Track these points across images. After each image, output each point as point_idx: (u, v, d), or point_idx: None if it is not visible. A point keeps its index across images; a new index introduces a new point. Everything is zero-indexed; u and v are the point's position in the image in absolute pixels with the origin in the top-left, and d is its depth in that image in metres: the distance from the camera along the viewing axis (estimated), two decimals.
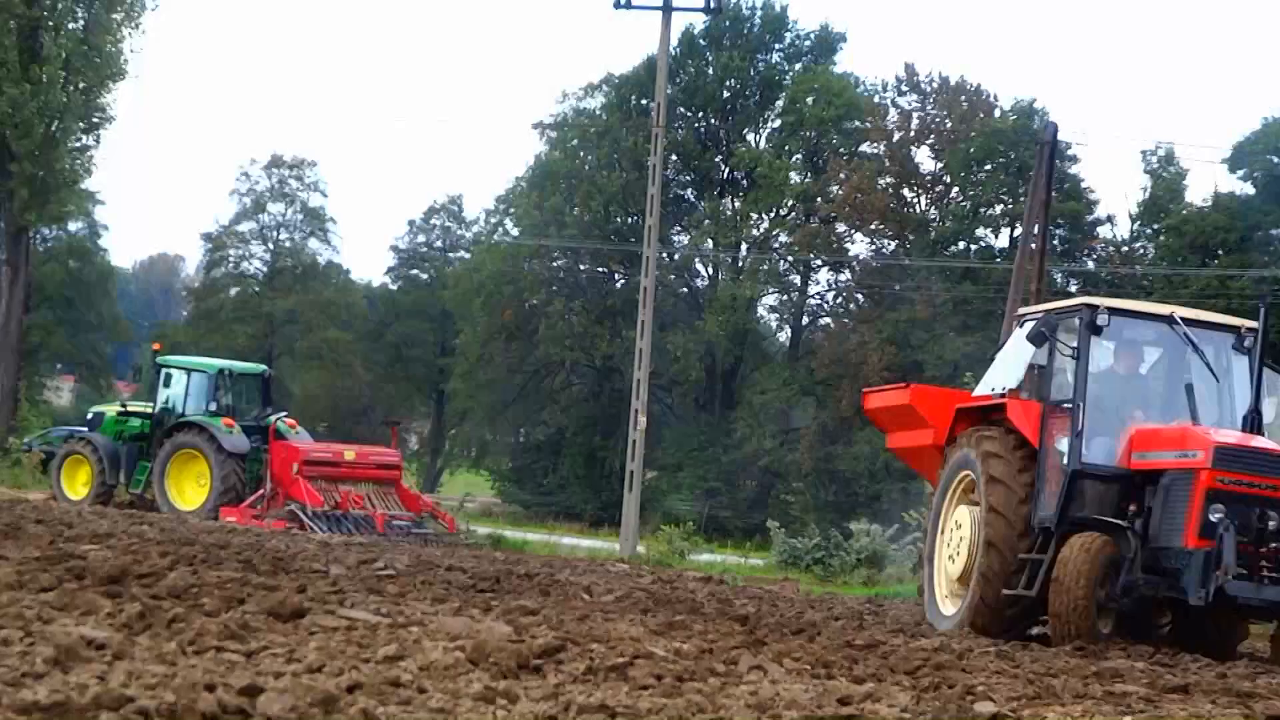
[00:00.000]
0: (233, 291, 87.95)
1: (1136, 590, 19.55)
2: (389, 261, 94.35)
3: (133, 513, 31.80)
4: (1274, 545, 19.93)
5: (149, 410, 37.47)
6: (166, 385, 37.24)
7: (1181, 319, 21.53)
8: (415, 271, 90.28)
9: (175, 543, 22.77)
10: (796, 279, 74.69)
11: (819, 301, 74.32)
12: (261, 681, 9.20)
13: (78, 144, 50.95)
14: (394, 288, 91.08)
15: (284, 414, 37.54)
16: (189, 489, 34.99)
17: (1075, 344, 20.26)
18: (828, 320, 71.46)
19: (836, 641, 17.05)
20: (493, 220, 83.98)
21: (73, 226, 76.05)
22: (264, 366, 43.23)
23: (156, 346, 45.41)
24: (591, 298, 73.72)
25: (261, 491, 34.21)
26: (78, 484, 36.60)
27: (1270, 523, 19.32)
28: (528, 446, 76.11)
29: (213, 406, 36.37)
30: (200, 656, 10.47)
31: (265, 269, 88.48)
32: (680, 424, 68.69)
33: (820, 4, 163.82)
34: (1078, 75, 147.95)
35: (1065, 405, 20.63)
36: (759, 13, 75.12)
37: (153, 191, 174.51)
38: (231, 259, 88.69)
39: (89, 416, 40.34)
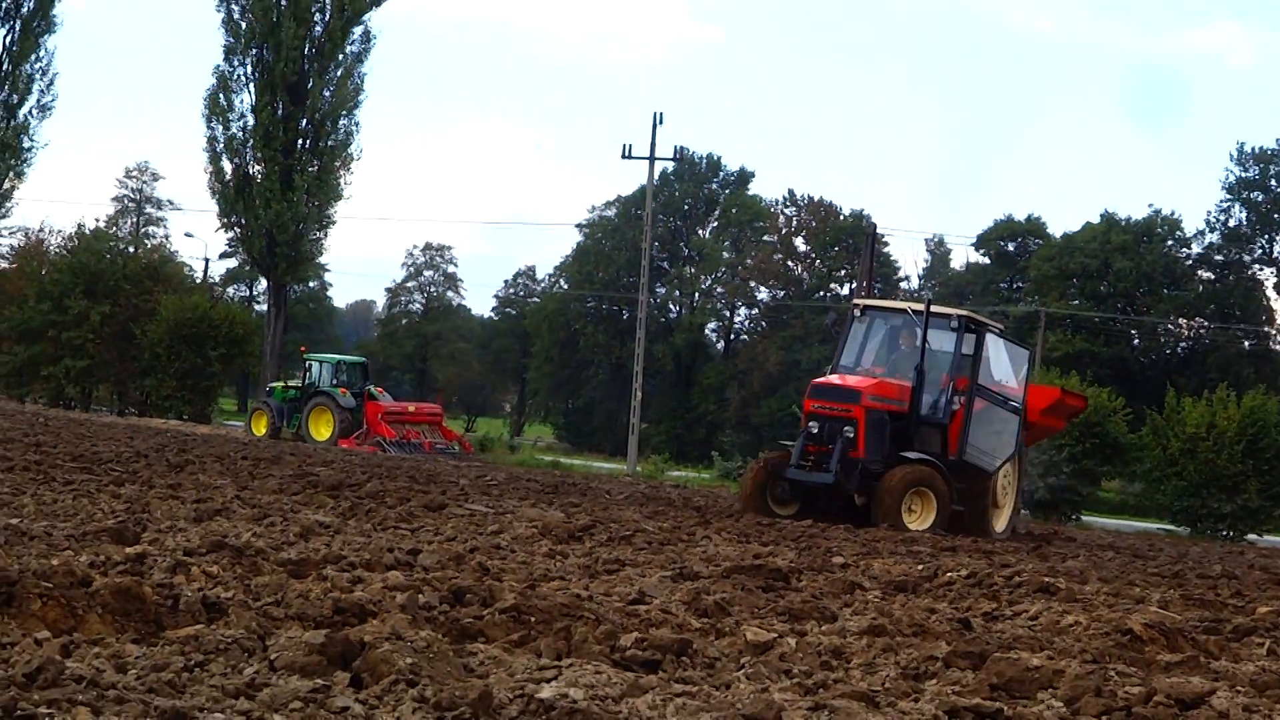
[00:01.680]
0: (403, 322, 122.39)
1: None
2: (492, 303, 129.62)
3: (298, 444, 40.92)
4: (821, 445, 23.80)
5: (299, 384, 49.82)
6: (309, 370, 49.98)
7: (913, 311, 25.25)
8: (509, 310, 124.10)
9: (370, 466, 26.77)
10: (727, 313, 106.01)
11: (740, 325, 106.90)
12: (420, 546, 11.20)
13: (313, 239, 65.64)
14: (496, 317, 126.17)
15: (376, 386, 50.17)
16: (322, 429, 47.34)
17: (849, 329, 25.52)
18: (745, 336, 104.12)
19: (752, 523, 20.48)
20: (553, 279, 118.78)
21: (311, 284, 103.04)
22: (364, 358, 54.96)
23: (303, 350, 56.60)
24: (610, 324, 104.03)
25: (360, 430, 46.32)
26: (260, 426, 48.64)
27: (816, 429, 23.79)
28: (572, 410, 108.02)
29: (334, 382, 48.91)
30: (384, 532, 12.60)
31: (422, 308, 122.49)
32: (660, 396, 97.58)
33: (741, 150, 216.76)
34: (888, 189, 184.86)
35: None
36: (705, 160, 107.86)
37: (358, 260, 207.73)
38: (403, 303, 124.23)
39: (267, 389, 52.07)
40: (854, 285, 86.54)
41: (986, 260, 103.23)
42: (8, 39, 67.99)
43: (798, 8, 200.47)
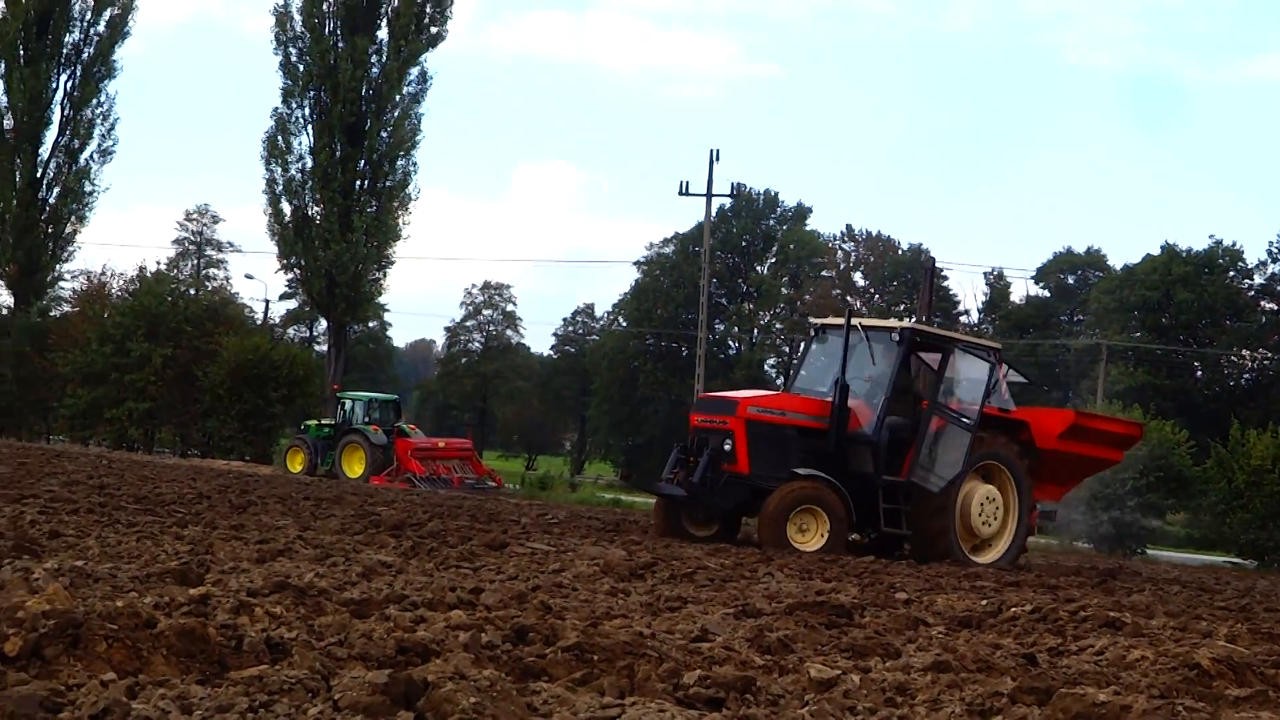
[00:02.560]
0: (463, 361, 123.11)
1: None
2: (551, 341, 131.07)
3: (317, 480, 40.95)
4: (688, 457, 23.48)
5: (333, 422, 50.12)
6: (342, 408, 50.48)
7: (862, 326, 24.50)
8: (568, 348, 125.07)
9: (432, 505, 26.75)
10: (786, 348, 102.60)
11: (799, 362, 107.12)
12: (482, 585, 11.24)
13: (372, 279, 65.83)
14: (555, 356, 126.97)
15: (406, 422, 51.04)
16: (354, 466, 47.86)
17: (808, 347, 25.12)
18: (805, 371, 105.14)
19: (814, 558, 20.25)
20: (611, 317, 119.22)
21: (370, 324, 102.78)
22: (395, 396, 55.39)
23: (336, 388, 56.75)
24: (669, 361, 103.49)
25: (392, 467, 46.92)
26: (296, 463, 49.09)
27: (688, 443, 23.56)
28: (632, 446, 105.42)
29: (366, 419, 49.33)
30: (446, 571, 12.57)
31: (481, 347, 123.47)
32: None
33: (798, 186, 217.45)
34: (946, 223, 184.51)
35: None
36: (762, 196, 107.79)
37: (417, 300, 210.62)
38: (462, 342, 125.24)
39: (302, 427, 52.02)
40: (913, 319, 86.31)
41: (1046, 293, 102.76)
42: (69, 84, 68.73)
43: (852, 44, 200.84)
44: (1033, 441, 24.78)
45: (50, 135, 69.43)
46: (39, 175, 69.03)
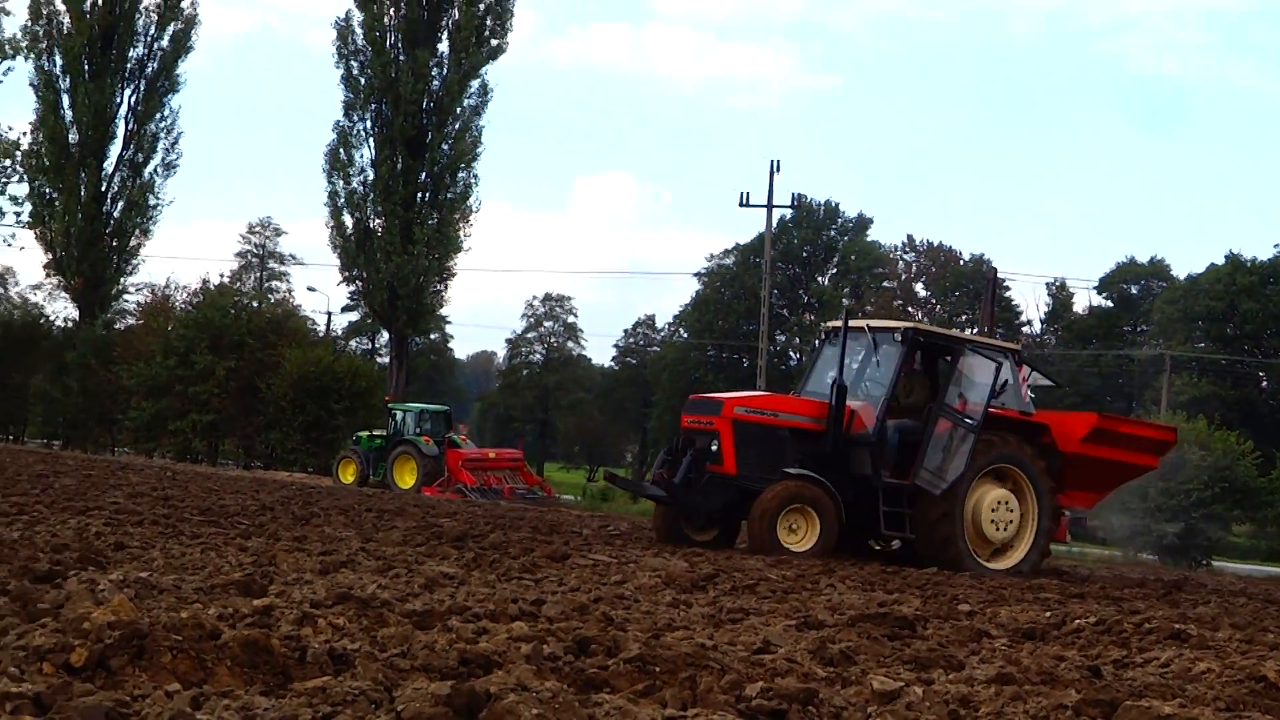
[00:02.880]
0: (524, 373, 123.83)
1: None
2: (612, 353, 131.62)
3: (376, 491, 40.76)
4: (673, 458, 23.29)
5: (385, 433, 50.02)
6: (393, 419, 50.33)
7: (869, 327, 24.48)
8: (629, 359, 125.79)
9: (494, 517, 26.72)
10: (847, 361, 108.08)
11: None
12: (544, 596, 11.26)
13: (434, 291, 66.19)
14: (617, 367, 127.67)
15: (457, 432, 50.81)
16: (406, 477, 47.71)
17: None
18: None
19: (876, 569, 20.19)
20: (672, 328, 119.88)
21: (432, 336, 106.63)
22: (446, 407, 54.63)
23: (387, 399, 56.54)
24: (730, 372, 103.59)
25: (443, 477, 46.76)
26: (348, 474, 49.17)
27: (674, 444, 23.53)
28: None
29: (417, 430, 49.27)
30: (508, 583, 12.59)
31: (542, 359, 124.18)
32: None
33: (859, 196, 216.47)
34: (1009, 233, 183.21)
35: None
36: (823, 206, 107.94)
37: (478, 312, 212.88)
38: (523, 354, 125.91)
39: (354, 438, 51.82)
40: (975, 330, 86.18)
41: (1109, 303, 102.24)
42: (133, 99, 69.24)
43: (913, 53, 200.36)
44: (1054, 445, 24.25)
45: (115, 149, 70.04)
46: (104, 189, 69.62)
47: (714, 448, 22.73)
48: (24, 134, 69.43)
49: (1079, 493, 25.90)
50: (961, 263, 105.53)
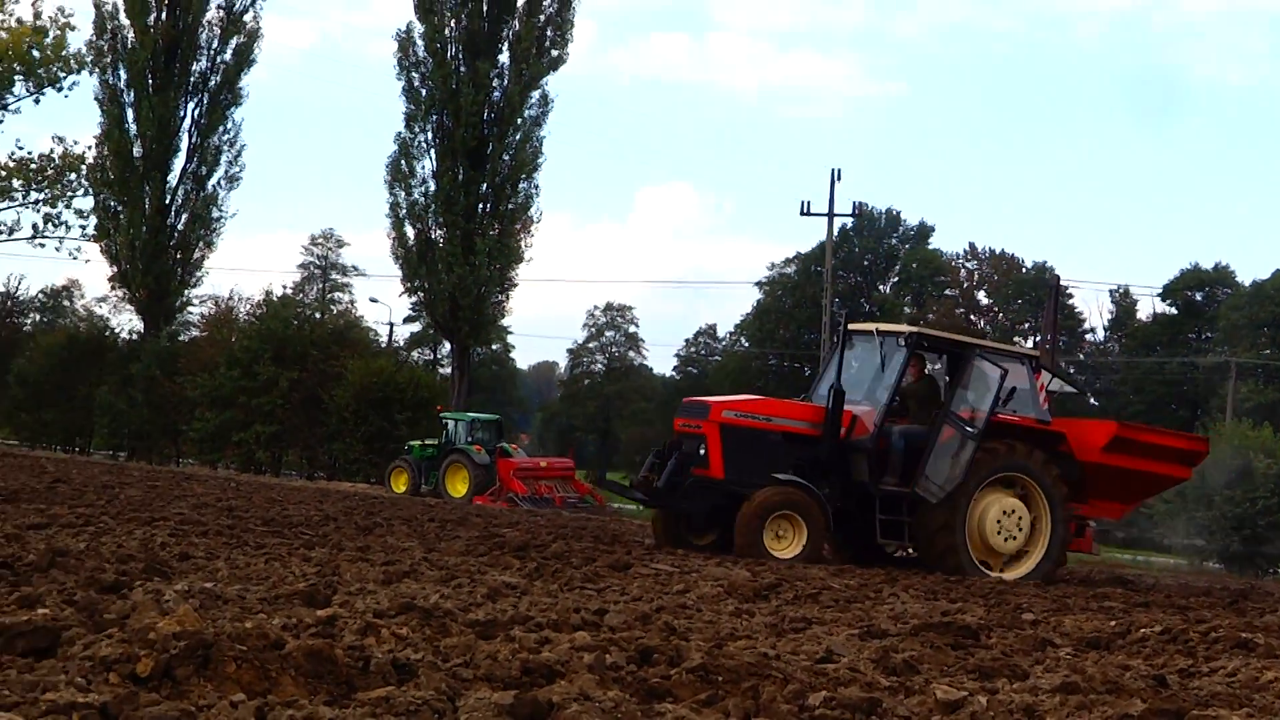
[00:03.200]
0: (586, 383, 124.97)
1: None
2: (674, 362, 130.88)
3: (438, 501, 41.25)
4: (661, 461, 23.14)
5: (436, 442, 50.30)
6: (445, 428, 50.71)
7: (878, 331, 24.26)
8: (690, 368, 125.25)
9: (555, 526, 27.00)
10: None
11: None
12: (606, 606, 11.22)
13: (495, 302, 66.23)
14: (678, 377, 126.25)
15: (508, 442, 51.16)
16: (458, 486, 48.06)
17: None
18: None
19: (939, 578, 20.20)
20: (734, 337, 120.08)
21: (494, 346, 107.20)
22: (498, 416, 55.26)
23: (439, 409, 56.38)
24: (792, 382, 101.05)
25: (494, 487, 47.14)
26: (400, 483, 49.55)
27: (660, 447, 23.33)
28: None
29: (469, 439, 49.41)
30: (570, 592, 12.67)
31: (604, 368, 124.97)
32: None
33: (920, 204, 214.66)
34: (1071, 240, 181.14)
35: None
36: (884, 215, 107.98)
37: (540, 322, 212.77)
38: (585, 364, 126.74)
39: (406, 448, 52.21)
40: (1038, 338, 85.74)
41: (1173, 310, 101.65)
42: (196, 112, 69.68)
43: (976, 60, 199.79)
44: (1071, 454, 23.80)
45: (178, 162, 70.52)
46: (168, 202, 70.11)
47: (701, 451, 22.48)
48: (89, 148, 70.18)
49: (1105, 503, 25.33)
50: (1024, 270, 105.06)
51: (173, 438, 67.68)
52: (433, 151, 65.59)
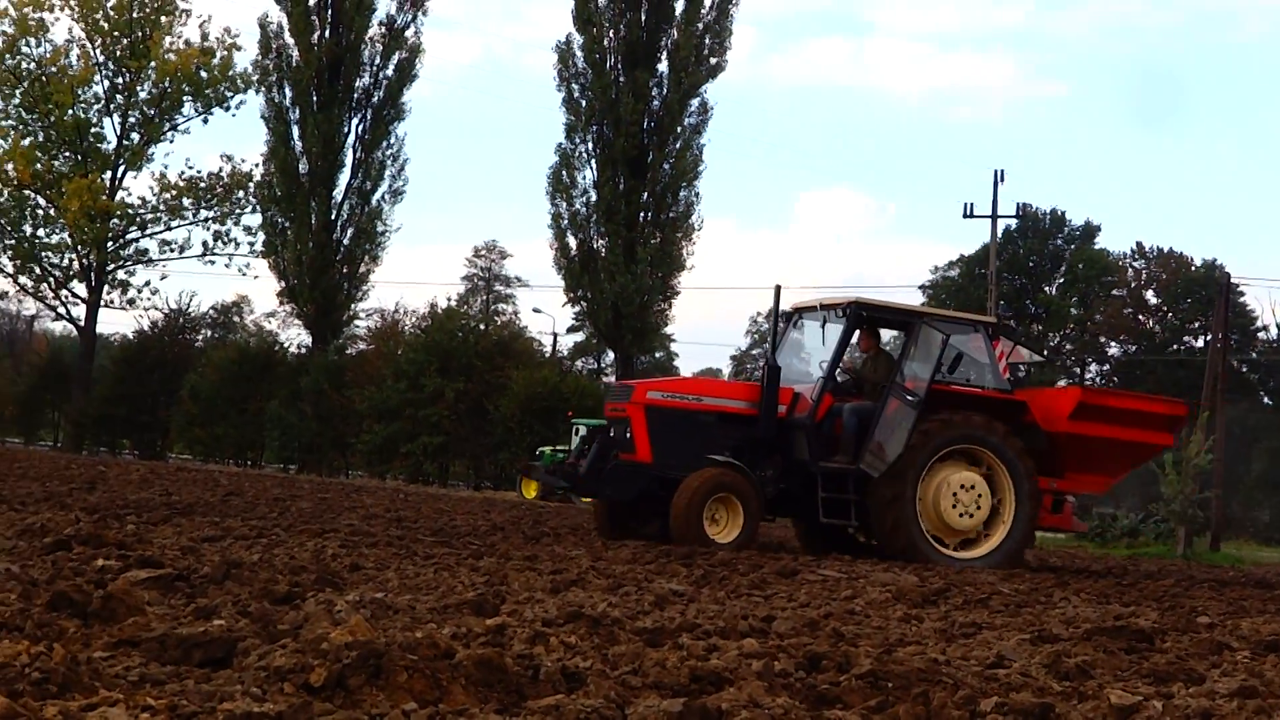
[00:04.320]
0: None
1: None
2: None
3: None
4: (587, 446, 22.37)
5: (567, 448, 48.75)
6: (577, 434, 49.22)
7: (821, 305, 23.02)
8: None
9: None
10: (1078, 370, 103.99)
11: (1091, 381, 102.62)
12: (774, 613, 11.26)
13: (658, 310, 66.48)
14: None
15: None
16: None
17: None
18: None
19: (1111, 582, 20.04)
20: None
21: (657, 354, 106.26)
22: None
23: (569, 414, 55.74)
24: None
25: None
26: (531, 490, 49.53)
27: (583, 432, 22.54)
28: None
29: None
30: (738, 599, 12.63)
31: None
32: None
33: (1085, 204, 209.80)
34: (1242, 237, 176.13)
35: None
36: (1048, 215, 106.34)
37: (702, 329, 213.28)
38: (749, 370, 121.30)
39: (536, 453, 51.79)
40: (1208, 338, 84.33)
41: None
42: (360, 128, 70.61)
43: (1138, 58, 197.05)
44: (1035, 425, 22.67)
45: (343, 178, 71.52)
46: (333, 217, 71.15)
47: (626, 435, 21.64)
48: (256, 165, 71.52)
49: (1084, 475, 23.89)
50: (1193, 268, 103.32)
51: (342, 450, 68.58)
52: (593, 161, 66.06)
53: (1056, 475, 23.20)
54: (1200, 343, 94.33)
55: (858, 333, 22.78)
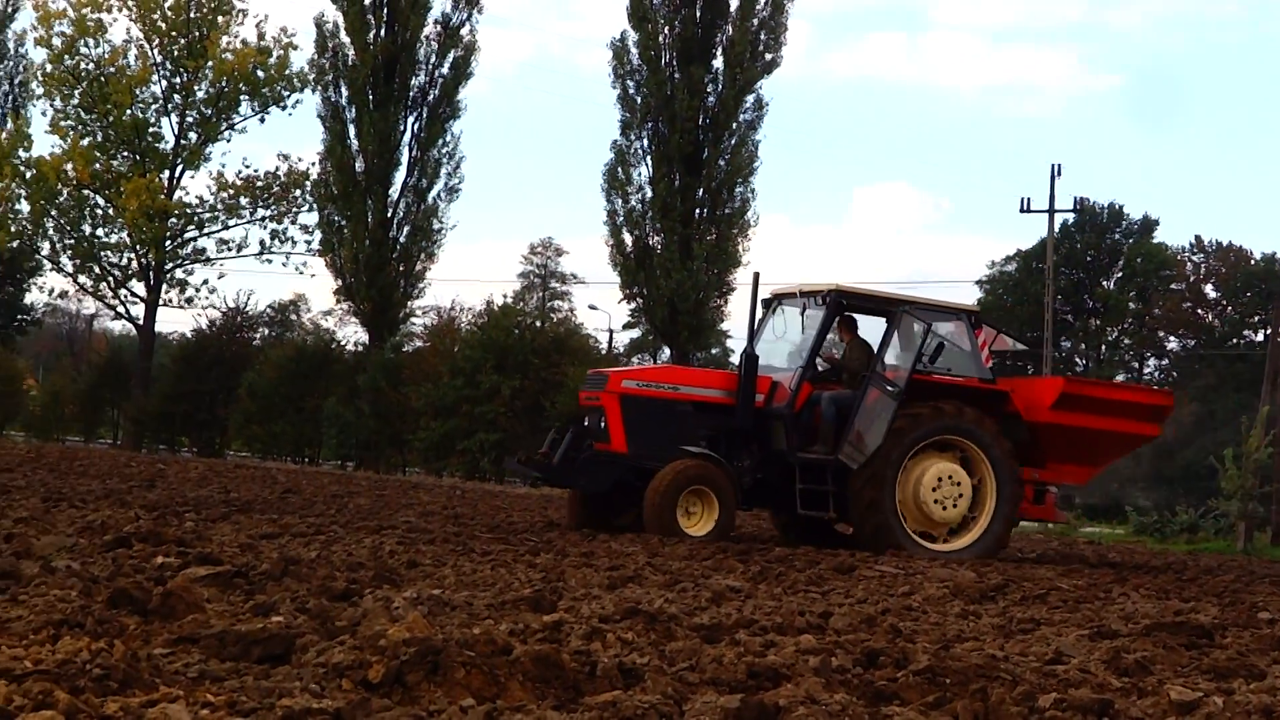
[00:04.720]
0: None
1: None
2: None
3: None
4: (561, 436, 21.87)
5: None
6: None
7: (801, 291, 22.71)
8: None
9: (774, 530, 26.19)
10: (1136, 364, 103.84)
11: (1150, 376, 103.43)
12: (831, 609, 11.25)
13: (714, 306, 66.58)
14: None
15: None
16: None
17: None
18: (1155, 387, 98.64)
19: (1171, 577, 19.96)
20: None
21: (713, 351, 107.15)
22: None
23: None
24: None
25: None
26: None
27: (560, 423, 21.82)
28: None
29: None
30: (795, 596, 12.62)
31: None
32: None
33: (1143, 198, 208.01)
34: None
35: None
36: (1106, 209, 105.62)
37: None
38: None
39: None
40: (1268, 332, 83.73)
41: None
42: (415, 126, 70.79)
43: (1197, 49, 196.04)
44: (1017, 415, 22.41)
45: (399, 176, 71.62)
46: (389, 215, 71.31)
47: (601, 425, 21.37)
48: (312, 164, 71.66)
49: (1067, 466, 23.62)
50: (1252, 262, 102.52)
51: (398, 447, 68.74)
52: (648, 158, 66.04)
53: (1038, 466, 23.06)
54: (1260, 337, 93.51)
55: (837, 320, 22.62)
